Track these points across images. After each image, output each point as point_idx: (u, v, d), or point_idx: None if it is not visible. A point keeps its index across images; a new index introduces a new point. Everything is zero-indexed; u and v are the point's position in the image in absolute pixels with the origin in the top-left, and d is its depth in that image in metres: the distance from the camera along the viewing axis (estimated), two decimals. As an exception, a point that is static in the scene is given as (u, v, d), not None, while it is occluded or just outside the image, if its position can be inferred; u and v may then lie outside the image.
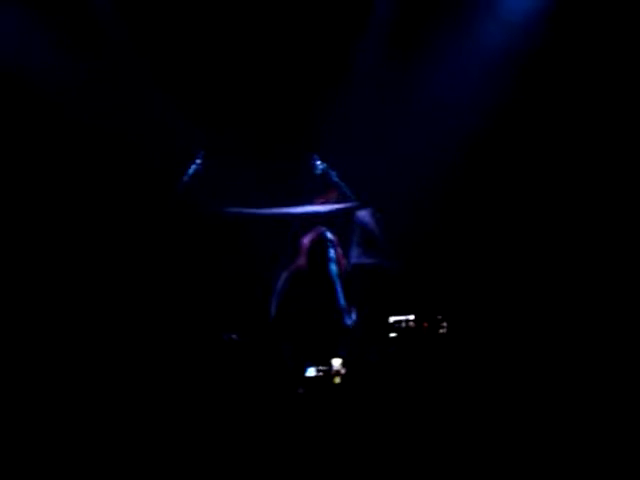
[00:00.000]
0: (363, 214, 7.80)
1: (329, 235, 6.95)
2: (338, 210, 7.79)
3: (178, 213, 7.72)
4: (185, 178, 7.76)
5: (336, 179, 7.81)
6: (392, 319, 5.96)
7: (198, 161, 7.84)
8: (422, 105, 7.95)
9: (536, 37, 7.72)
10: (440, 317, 5.93)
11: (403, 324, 5.93)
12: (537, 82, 7.79)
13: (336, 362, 6.16)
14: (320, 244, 6.92)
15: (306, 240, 6.99)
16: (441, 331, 5.92)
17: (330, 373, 6.14)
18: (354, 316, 6.79)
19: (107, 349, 7.14)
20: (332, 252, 6.82)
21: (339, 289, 6.59)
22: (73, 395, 5.77)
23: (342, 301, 6.56)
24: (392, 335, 5.93)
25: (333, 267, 6.73)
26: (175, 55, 8.01)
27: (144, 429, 5.13)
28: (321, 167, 7.82)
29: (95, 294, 7.62)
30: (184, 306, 7.68)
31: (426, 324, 5.92)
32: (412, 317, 5.95)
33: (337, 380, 6.10)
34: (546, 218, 7.71)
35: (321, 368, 5.97)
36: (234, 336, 7.01)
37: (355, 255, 7.73)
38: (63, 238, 7.72)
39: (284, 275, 6.98)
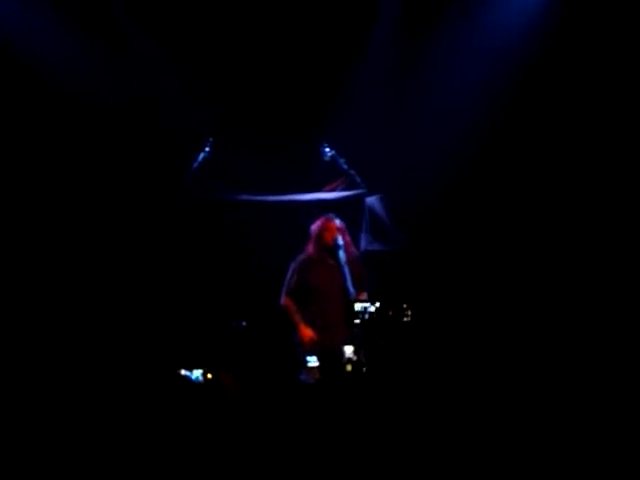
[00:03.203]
0: (372, 200, 7.77)
1: (338, 222, 6.91)
2: (347, 197, 7.77)
3: (187, 201, 7.72)
4: (194, 166, 7.76)
5: (345, 166, 7.78)
6: (357, 307, 5.92)
7: (207, 149, 7.83)
8: (431, 92, 7.93)
9: (545, 33, 7.67)
10: (405, 305, 5.90)
11: (367, 312, 5.89)
12: (545, 78, 7.73)
13: (348, 349, 6.12)
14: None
15: (315, 227, 6.95)
16: (405, 319, 5.89)
17: (342, 361, 6.11)
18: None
19: (118, 333, 7.21)
20: (340, 239, 6.77)
21: (348, 276, 6.54)
22: (74, 391, 5.76)
23: (351, 289, 6.51)
24: (356, 322, 5.90)
25: (341, 254, 6.68)
26: (186, 40, 7.98)
27: (146, 414, 5.12)
28: (330, 154, 7.79)
29: (104, 285, 7.65)
30: (193, 295, 7.70)
31: (390, 312, 5.89)
32: (377, 305, 5.91)
33: (349, 368, 6.07)
34: (548, 220, 7.67)
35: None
36: (243, 324, 7.01)
37: (365, 242, 7.71)
38: (71, 228, 7.74)
39: (293, 262, 6.96)
